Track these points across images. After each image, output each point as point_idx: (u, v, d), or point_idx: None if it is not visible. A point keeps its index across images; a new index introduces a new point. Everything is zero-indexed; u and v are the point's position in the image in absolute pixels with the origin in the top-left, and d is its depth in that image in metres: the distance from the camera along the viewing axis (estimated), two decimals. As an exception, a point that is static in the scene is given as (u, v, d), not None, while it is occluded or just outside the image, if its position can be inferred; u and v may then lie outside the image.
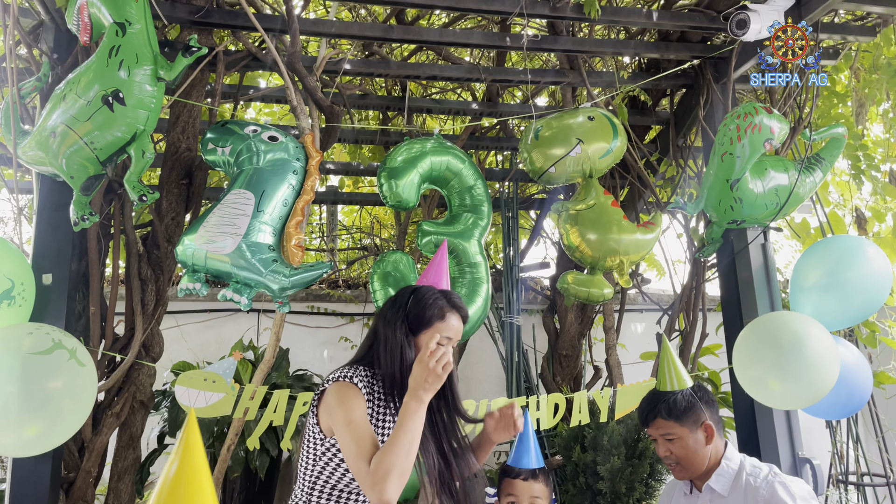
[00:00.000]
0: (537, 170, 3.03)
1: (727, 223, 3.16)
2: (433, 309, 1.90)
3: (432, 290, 1.96)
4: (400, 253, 2.79)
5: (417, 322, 1.90)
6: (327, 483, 1.86)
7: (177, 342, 4.64)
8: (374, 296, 2.69)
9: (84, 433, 2.95)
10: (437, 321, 1.90)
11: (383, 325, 1.94)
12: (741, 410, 3.35)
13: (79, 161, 2.50)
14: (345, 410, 1.75)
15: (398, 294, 2.00)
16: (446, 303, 1.93)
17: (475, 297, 2.77)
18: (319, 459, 1.85)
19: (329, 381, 1.85)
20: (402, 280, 2.72)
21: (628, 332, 5.63)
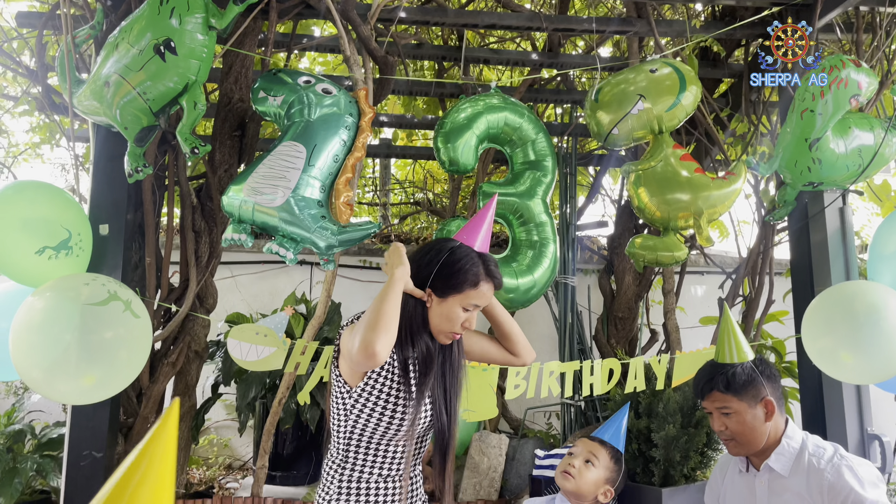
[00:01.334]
0: (601, 133, 2.87)
1: (803, 185, 2.96)
2: (467, 274, 1.81)
3: (470, 253, 1.85)
4: (462, 219, 2.70)
5: (448, 283, 1.81)
6: (363, 436, 1.82)
7: (231, 293, 4.69)
8: None
9: (142, 381, 3.01)
10: (468, 288, 1.81)
11: (415, 276, 1.85)
12: (807, 382, 3.19)
13: (132, 112, 2.47)
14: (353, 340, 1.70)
15: (436, 246, 1.89)
16: (482, 269, 1.83)
17: (542, 258, 2.66)
18: (350, 412, 1.81)
19: (343, 327, 1.85)
20: None
21: (688, 295, 5.45)
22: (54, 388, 2.35)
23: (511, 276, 2.60)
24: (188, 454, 3.29)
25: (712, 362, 2.13)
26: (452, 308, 1.80)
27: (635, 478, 3.45)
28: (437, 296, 1.82)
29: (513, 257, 2.71)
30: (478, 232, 1.89)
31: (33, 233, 2.39)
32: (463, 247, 1.86)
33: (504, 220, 2.80)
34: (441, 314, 1.82)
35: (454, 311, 1.81)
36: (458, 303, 1.81)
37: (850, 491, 1.81)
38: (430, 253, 1.87)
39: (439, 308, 1.82)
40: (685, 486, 3.27)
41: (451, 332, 1.84)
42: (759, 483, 2.03)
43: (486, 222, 1.91)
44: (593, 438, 2.39)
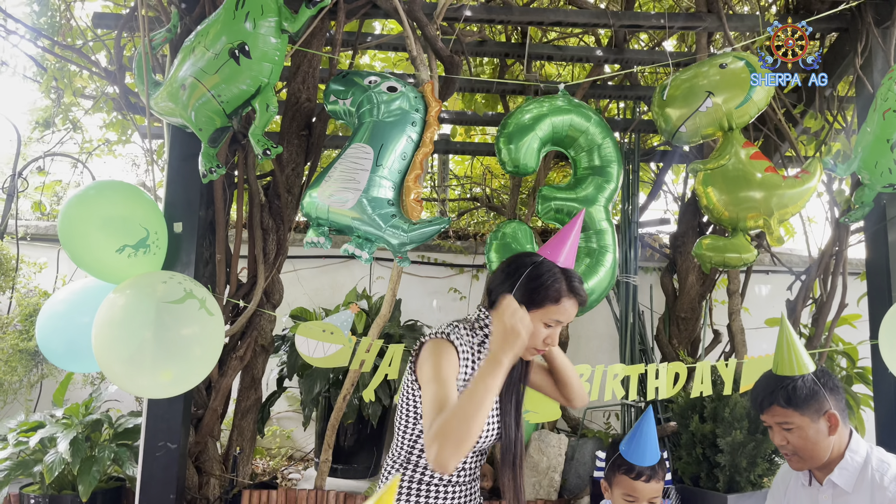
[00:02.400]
0: (669, 130, 2.81)
1: (882, 187, 2.84)
2: (549, 290, 1.79)
3: (553, 268, 1.83)
4: (517, 222, 2.68)
5: (529, 298, 1.79)
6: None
7: (293, 286, 4.78)
8: (490, 267, 2.61)
9: (211, 374, 3.10)
10: (549, 304, 1.79)
11: (498, 286, 1.86)
12: (882, 391, 3.09)
13: (206, 113, 2.53)
14: (433, 366, 1.71)
15: (517, 260, 1.89)
16: (565, 285, 1.81)
17: (599, 267, 2.63)
18: (421, 418, 1.81)
19: (428, 336, 1.83)
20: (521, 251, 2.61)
21: (752, 295, 5.31)
22: (133, 383, 2.44)
23: None
24: (254, 445, 3.37)
25: (771, 374, 2.05)
26: (535, 323, 1.78)
27: (699, 482, 3.40)
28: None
29: None
30: (563, 247, 1.88)
31: (114, 231, 2.48)
32: (546, 262, 1.85)
33: (562, 224, 2.77)
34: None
35: (536, 326, 1.79)
36: (540, 318, 1.80)
37: None
38: (512, 266, 1.87)
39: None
40: (751, 492, 3.20)
41: (533, 347, 1.83)
42: (823, 497, 1.97)
43: (572, 238, 1.89)
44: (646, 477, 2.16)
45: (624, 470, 2.17)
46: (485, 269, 4.99)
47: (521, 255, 1.93)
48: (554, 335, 1.84)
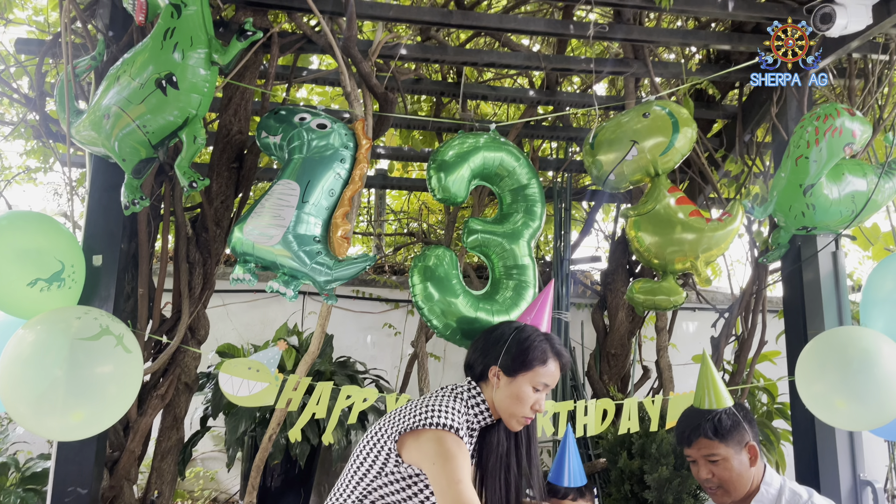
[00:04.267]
0: (600, 176, 2.90)
1: (796, 229, 2.98)
2: (536, 351, 1.84)
3: (537, 332, 1.90)
4: (443, 248, 2.68)
5: (519, 363, 1.83)
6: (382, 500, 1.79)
7: (222, 321, 4.66)
8: (413, 290, 2.58)
9: (129, 414, 2.97)
10: (538, 365, 1.83)
11: (481, 357, 1.89)
12: (800, 426, 3.19)
13: (131, 144, 2.47)
14: (452, 469, 1.64)
15: (499, 328, 1.95)
16: (549, 347, 1.87)
17: (520, 301, 2.65)
18: (386, 478, 1.77)
19: (429, 423, 1.71)
20: (444, 277, 2.59)
21: (680, 332, 5.46)
22: (41, 424, 2.31)
23: (488, 313, 2.58)
24: (174, 488, 3.23)
25: (694, 409, 2.12)
26: (522, 387, 1.81)
27: (627, 519, 3.43)
28: (505, 375, 1.84)
29: (492, 295, 2.70)
30: (542, 313, 1.95)
31: (26, 264, 2.36)
32: (528, 326, 1.92)
33: (486, 257, 2.78)
34: (511, 395, 1.83)
35: (524, 390, 1.82)
36: (528, 381, 1.82)
37: None
38: (497, 333, 1.91)
39: (508, 389, 1.83)
40: (677, 529, 3.24)
41: (523, 415, 1.83)
42: (742, 530, 2.02)
43: (549, 306, 1.96)
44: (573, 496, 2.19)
45: (551, 492, 2.19)
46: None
47: (502, 323, 2.00)
48: (541, 400, 1.86)
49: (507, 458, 1.91)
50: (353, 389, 2.84)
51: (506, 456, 1.90)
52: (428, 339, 4.14)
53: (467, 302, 2.56)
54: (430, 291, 2.54)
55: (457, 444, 1.70)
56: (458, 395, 1.85)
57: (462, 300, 2.55)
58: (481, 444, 1.88)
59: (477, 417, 1.85)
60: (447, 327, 2.58)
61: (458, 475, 1.64)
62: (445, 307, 2.53)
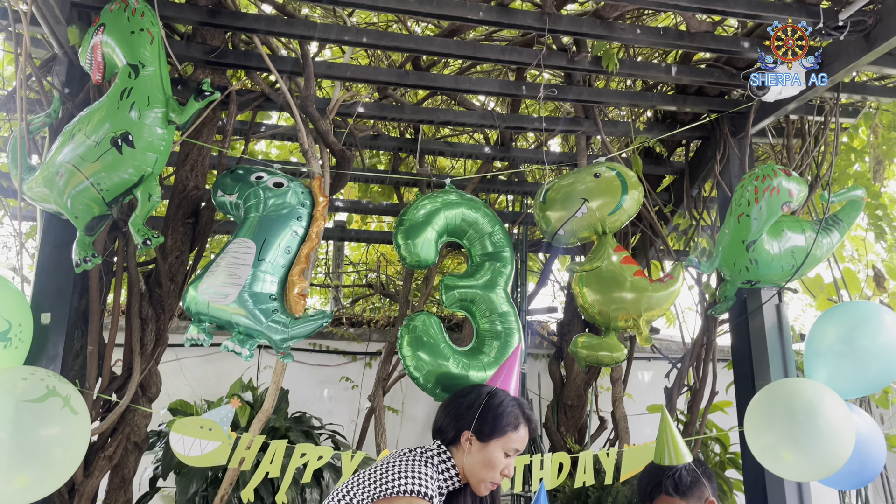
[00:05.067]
0: (550, 231, 2.99)
1: (741, 283, 3.09)
2: (510, 417, 1.86)
3: (509, 396, 1.92)
4: (426, 314, 2.70)
5: (491, 428, 1.84)
6: None
7: (175, 376, 4.56)
8: (405, 362, 2.59)
9: (75, 475, 2.87)
10: (510, 431, 1.86)
11: (454, 422, 1.89)
12: (751, 476, 3.25)
13: (84, 201, 2.46)
14: None
15: (473, 394, 1.95)
16: (521, 413, 1.89)
17: (508, 348, 2.66)
18: None
19: (403, 490, 1.71)
20: (434, 345, 2.60)
21: (635, 381, 5.53)
22: (-18, 489, 2.23)
23: (479, 369, 2.60)
24: (120, 554, 3.11)
25: (654, 465, 2.15)
26: (494, 453, 1.82)
27: (585, 574, 3.41)
28: (478, 441, 1.84)
29: (479, 349, 2.72)
30: (511, 377, 1.97)
31: (-30, 324, 2.31)
32: (501, 391, 1.93)
33: (467, 311, 2.82)
34: (482, 461, 1.83)
35: (496, 455, 1.83)
36: (501, 447, 1.84)
37: None
38: (470, 397, 1.92)
39: (480, 454, 1.84)
40: (635, 583, 3.24)
41: (492, 480, 1.84)
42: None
43: (517, 367, 1.99)
44: None
45: None
46: (378, 356, 4.95)
47: (474, 387, 2.00)
48: (510, 466, 1.87)
49: None
50: (307, 447, 2.80)
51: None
52: (385, 392, 4.12)
53: (457, 363, 2.58)
54: (422, 359, 2.55)
55: None
56: (428, 460, 1.85)
57: (452, 363, 2.57)
58: None
59: (447, 483, 1.85)
60: (444, 390, 2.58)
61: None
62: (437, 372, 2.53)
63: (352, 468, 2.79)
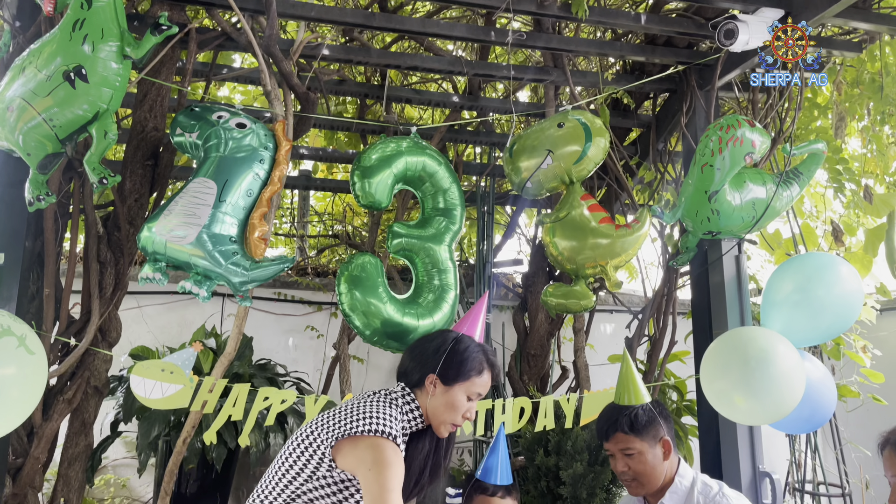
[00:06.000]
0: (518, 184, 2.98)
1: (703, 234, 3.14)
2: (474, 362, 1.89)
3: (474, 343, 1.94)
4: (368, 255, 2.70)
5: (455, 372, 1.87)
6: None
7: (137, 324, 4.51)
8: (340, 299, 2.61)
9: (34, 419, 2.85)
10: (474, 375, 1.89)
11: (419, 365, 1.91)
12: (705, 421, 3.35)
13: (36, 138, 2.37)
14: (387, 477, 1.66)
15: (438, 337, 1.98)
16: (485, 359, 1.92)
17: (442, 303, 2.70)
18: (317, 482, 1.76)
19: (367, 430, 1.72)
20: (371, 286, 2.62)
21: (597, 333, 5.62)
22: (-65, 429, 2.20)
23: (412, 317, 2.63)
24: (82, 495, 3.11)
25: (613, 405, 2.21)
26: (457, 396, 1.86)
27: (543, 515, 3.51)
28: (442, 384, 1.87)
29: (415, 299, 2.74)
30: (476, 324, 2.00)
31: (-81, 262, 2.25)
32: (465, 337, 1.95)
33: (410, 261, 2.83)
34: (445, 403, 1.86)
35: (459, 399, 1.86)
36: (464, 391, 1.87)
37: None
38: (436, 342, 1.94)
39: (444, 397, 1.87)
40: (591, 523, 3.35)
41: (453, 422, 1.88)
42: (655, 522, 2.12)
43: (483, 315, 2.01)
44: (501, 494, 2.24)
45: (479, 489, 2.22)
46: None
47: (441, 331, 2.04)
48: (472, 409, 1.91)
49: (427, 459, 1.94)
50: (270, 391, 2.81)
51: (426, 458, 1.94)
52: (350, 341, 4.13)
53: (393, 307, 2.61)
54: (357, 298, 2.57)
55: (394, 453, 1.72)
56: (392, 401, 1.87)
57: (388, 306, 2.60)
58: (408, 449, 1.90)
59: (410, 423, 1.88)
60: (374, 332, 2.61)
61: (391, 484, 1.66)
62: (371, 313, 2.56)
63: (315, 412, 2.81)
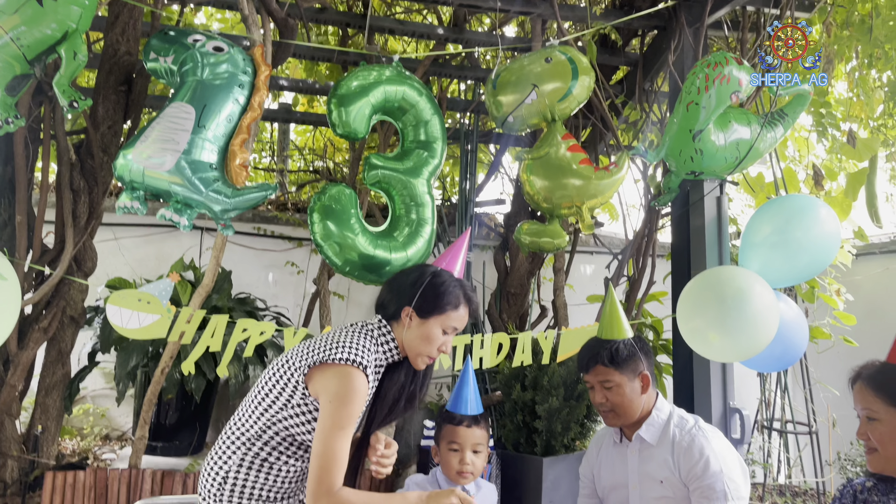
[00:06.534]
0: (500, 118, 2.93)
1: (685, 174, 3.12)
2: (450, 296, 1.88)
3: (452, 277, 1.94)
4: (342, 186, 2.66)
5: (432, 305, 1.87)
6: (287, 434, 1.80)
7: (114, 256, 4.46)
8: (312, 228, 2.57)
9: (9, 346, 2.84)
10: (450, 309, 1.88)
11: (396, 297, 1.91)
12: (680, 359, 3.41)
13: (3, 58, 2.28)
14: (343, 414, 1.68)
15: (417, 270, 1.97)
16: (462, 293, 1.91)
17: (417, 237, 2.68)
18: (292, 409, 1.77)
19: (338, 358, 1.73)
20: (344, 218, 2.58)
21: (577, 274, 5.66)
22: None
23: (386, 250, 2.62)
24: (60, 424, 3.12)
25: (596, 339, 2.23)
26: (432, 329, 1.86)
27: (519, 448, 3.58)
28: (418, 316, 1.87)
29: (390, 232, 2.72)
30: (456, 260, 1.99)
31: None
32: (444, 271, 1.94)
33: (387, 193, 2.79)
34: (421, 335, 1.87)
35: (434, 331, 1.86)
36: (439, 324, 1.87)
37: (701, 455, 1.98)
38: (414, 275, 1.93)
39: (419, 329, 1.87)
40: (565, 455, 3.43)
41: (428, 354, 1.88)
42: (631, 452, 2.17)
43: (464, 252, 2.00)
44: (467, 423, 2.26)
45: (447, 419, 2.25)
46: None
47: (420, 265, 2.04)
48: (448, 343, 1.91)
49: (402, 390, 1.96)
50: (249, 322, 2.80)
51: (401, 389, 1.95)
52: (330, 277, 4.12)
53: (366, 239, 2.58)
54: (329, 229, 2.54)
55: (360, 383, 1.73)
56: (368, 333, 1.88)
57: (361, 238, 2.56)
58: (383, 379, 1.92)
59: (385, 355, 1.89)
60: (346, 263, 2.59)
61: (344, 422, 1.68)
62: (344, 244, 2.53)
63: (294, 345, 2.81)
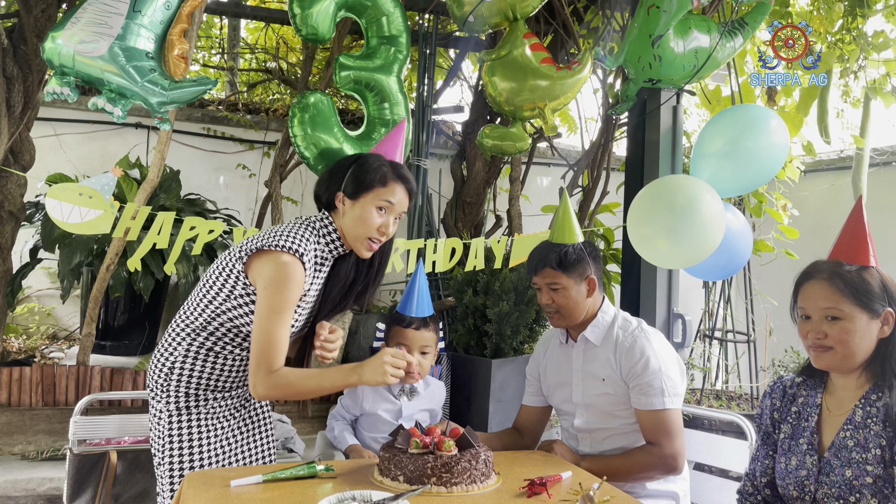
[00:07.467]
0: (461, 17, 2.83)
1: (643, 81, 3.10)
2: (377, 173, 1.84)
3: (380, 158, 1.90)
4: (320, 93, 2.58)
5: (357, 185, 1.83)
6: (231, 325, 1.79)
7: (55, 152, 4.28)
8: (296, 141, 2.51)
9: (-56, 241, 2.73)
10: (378, 186, 1.84)
11: (326, 185, 1.89)
12: (628, 267, 3.49)
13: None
14: (279, 301, 1.69)
15: (347, 159, 1.94)
16: (391, 170, 1.87)
17: None
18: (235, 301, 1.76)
19: (275, 245, 1.72)
20: (326, 125, 2.52)
21: (533, 185, 5.68)
22: None
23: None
24: (3, 321, 3.07)
25: (547, 242, 2.25)
26: (366, 208, 1.82)
27: (469, 350, 3.67)
28: (349, 199, 1.84)
29: (368, 134, 2.67)
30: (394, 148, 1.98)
31: None
32: (372, 154, 1.93)
33: (360, 95, 2.72)
34: (356, 217, 1.83)
35: (367, 212, 1.82)
36: (371, 202, 1.82)
37: (642, 354, 2.05)
38: (342, 162, 1.91)
39: (352, 211, 1.83)
40: (514, 357, 3.53)
41: (367, 237, 1.84)
42: (576, 353, 2.23)
43: (401, 140, 1.96)
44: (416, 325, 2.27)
45: (396, 321, 2.27)
46: (275, 145, 4.80)
47: (349, 156, 2.00)
48: (388, 224, 1.86)
49: (349, 285, 1.94)
50: (197, 220, 2.75)
51: (347, 283, 1.94)
52: (283, 179, 4.04)
53: (349, 145, 2.55)
54: (311, 136, 2.50)
55: (295, 269, 1.72)
56: (310, 225, 1.86)
57: (345, 145, 2.54)
58: (330, 275, 1.90)
59: (329, 247, 1.87)
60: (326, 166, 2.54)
61: (279, 307, 1.69)
62: (327, 150, 2.49)
63: (244, 243, 2.78)
